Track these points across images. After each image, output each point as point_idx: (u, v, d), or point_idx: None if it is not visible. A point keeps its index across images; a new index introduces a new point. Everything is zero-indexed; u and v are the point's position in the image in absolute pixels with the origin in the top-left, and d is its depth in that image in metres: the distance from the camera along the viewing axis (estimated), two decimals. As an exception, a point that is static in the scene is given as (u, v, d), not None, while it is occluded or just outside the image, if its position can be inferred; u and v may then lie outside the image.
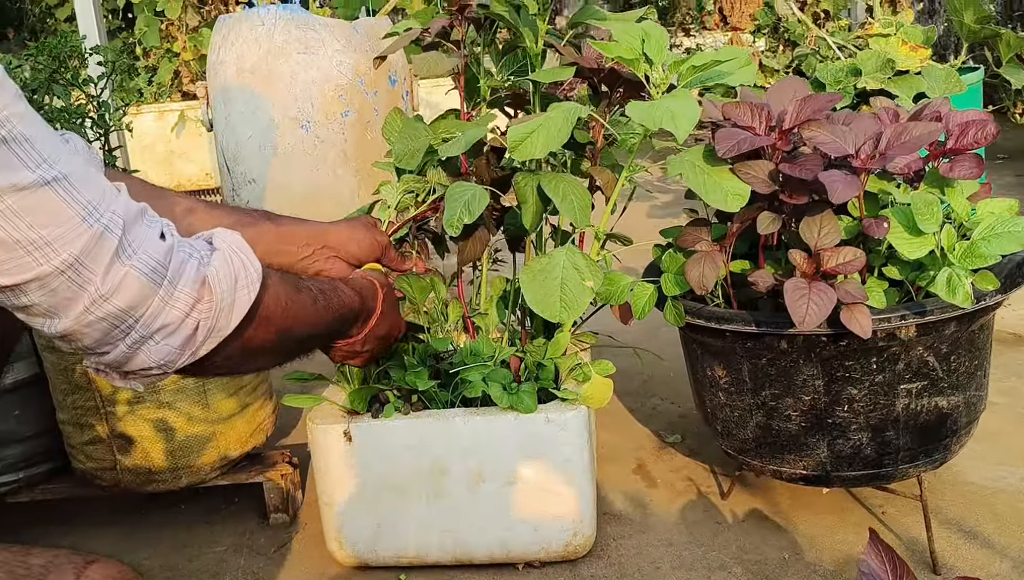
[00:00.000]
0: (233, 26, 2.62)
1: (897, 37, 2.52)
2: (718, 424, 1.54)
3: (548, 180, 1.31)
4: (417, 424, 1.49)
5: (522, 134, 1.27)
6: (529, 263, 1.34)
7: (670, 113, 1.19)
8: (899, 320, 1.28)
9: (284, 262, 1.32)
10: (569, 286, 1.32)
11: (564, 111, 1.28)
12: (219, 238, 0.90)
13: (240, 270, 0.88)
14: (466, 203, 1.33)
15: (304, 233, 1.33)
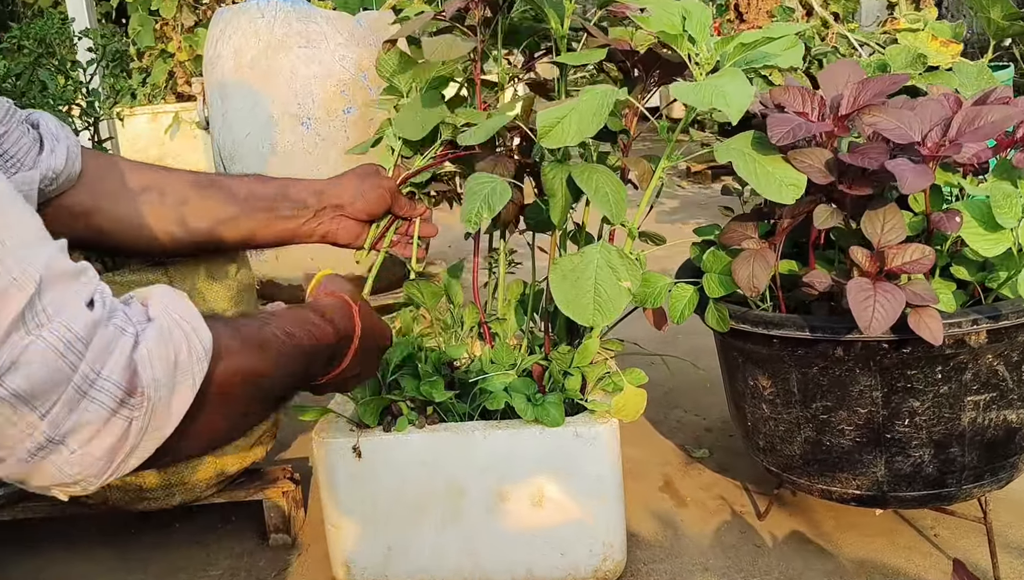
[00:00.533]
0: (231, 19, 2.49)
1: (927, 32, 2.41)
2: (760, 439, 1.41)
3: (580, 171, 1.18)
4: (433, 439, 1.36)
5: (553, 119, 1.15)
6: (559, 261, 1.22)
7: (720, 92, 1.07)
8: (971, 325, 1.16)
9: (288, 227, 1.21)
10: (604, 287, 1.19)
11: (599, 94, 1.16)
12: (157, 302, 0.71)
13: (181, 347, 0.69)
14: (486, 197, 1.21)
15: (305, 194, 1.21)
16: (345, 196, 1.24)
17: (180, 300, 0.73)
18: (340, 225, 1.26)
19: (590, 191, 1.16)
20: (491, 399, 1.37)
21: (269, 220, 1.20)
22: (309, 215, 1.22)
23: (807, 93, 1.22)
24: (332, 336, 0.98)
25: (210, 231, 1.18)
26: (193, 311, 0.73)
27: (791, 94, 1.22)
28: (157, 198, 1.15)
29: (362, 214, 1.26)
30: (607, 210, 1.17)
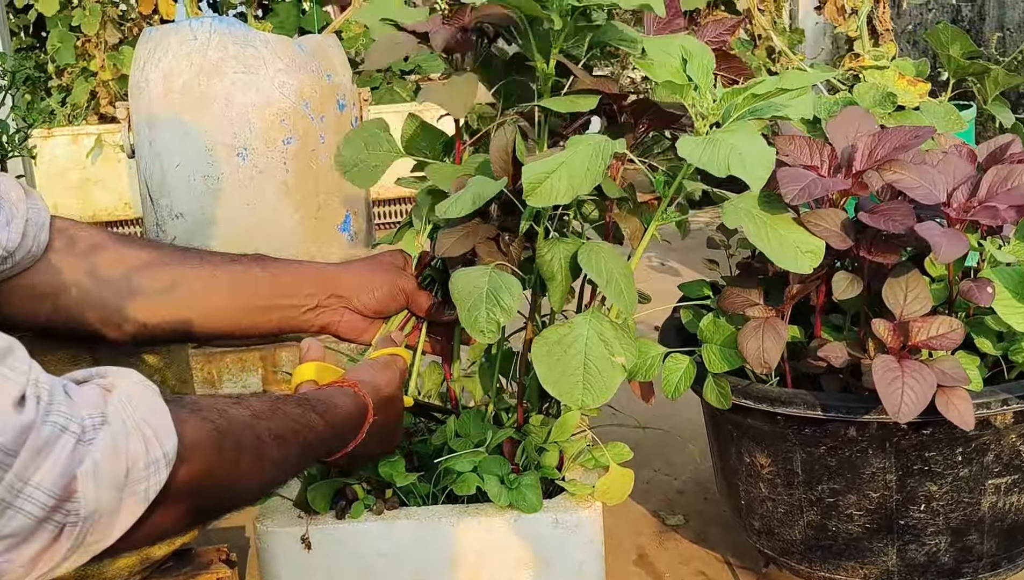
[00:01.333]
0: (161, 40, 2.30)
1: (893, 70, 2.34)
2: (755, 520, 1.28)
3: (587, 253, 1.02)
4: (394, 527, 1.20)
5: (541, 174, 1.00)
6: (543, 333, 1.07)
7: (737, 154, 0.93)
8: (1000, 406, 1.05)
9: (284, 316, 1.08)
10: (594, 363, 1.05)
11: (592, 145, 1.02)
12: (119, 396, 0.64)
13: (137, 457, 0.62)
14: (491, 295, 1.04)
15: (307, 280, 1.08)
16: (352, 288, 1.11)
17: (146, 395, 0.65)
18: (343, 318, 1.12)
19: (600, 279, 1.01)
20: (460, 482, 1.22)
21: (265, 310, 1.06)
22: (310, 305, 1.09)
23: (815, 144, 1.10)
24: (332, 439, 0.93)
25: (199, 322, 1.05)
26: (159, 411, 0.65)
27: (797, 145, 1.10)
28: (140, 280, 1.02)
29: (368, 310, 1.13)
30: (620, 302, 1.02)
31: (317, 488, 1.22)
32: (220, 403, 0.79)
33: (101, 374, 0.67)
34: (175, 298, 1.05)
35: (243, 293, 1.05)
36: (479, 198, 1.04)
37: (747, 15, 3.19)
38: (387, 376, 1.05)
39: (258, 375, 2.49)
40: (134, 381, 0.67)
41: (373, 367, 1.06)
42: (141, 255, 1.05)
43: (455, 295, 1.06)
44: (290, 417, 0.86)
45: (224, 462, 0.74)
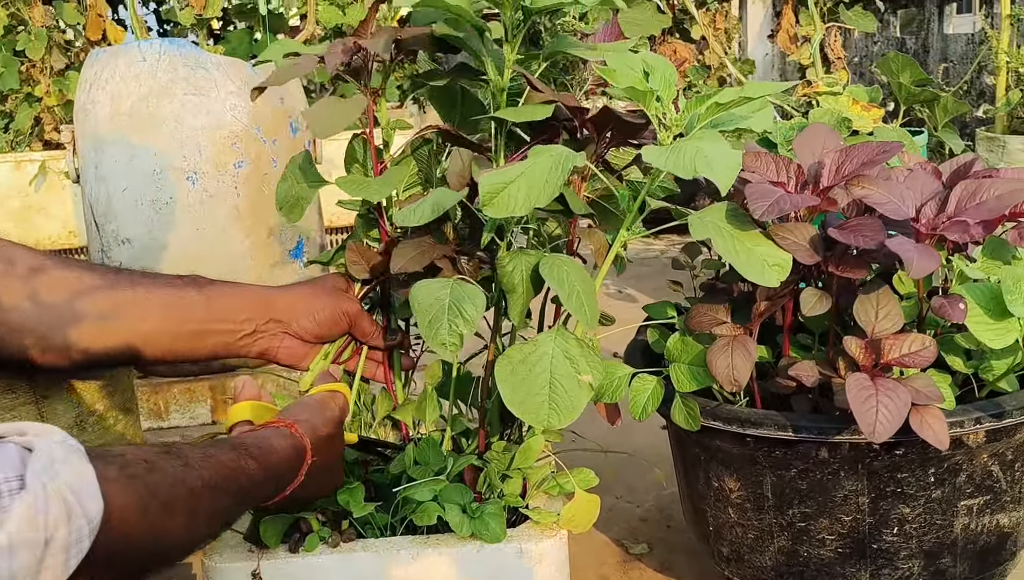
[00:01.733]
0: (108, 61, 2.24)
1: (847, 96, 2.36)
2: (723, 546, 1.25)
3: (548, 264, 0.99)
4: (351, 560, 1.14)
5: (499, 184, 0.97)
6: (507, 352, 1.03)
7: (703, 157, 0.91)
8: (973, 424, 1.03)
9: (220, 342, 1.02)
10: (560, 382, 1.01)
11: (551, 157, 0.99)
12: (40, 458, 0.59)
13: (58, 526, 0.58)
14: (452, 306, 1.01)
15: (245, 304, 1.02)
16: (292, 312, 1.06)
17: (70, 457, 0.61)
18: (282, 343, 1.07)
19: (562, 290, 0.98)
20: (420, 512, 1.16)
21: (199, 334, 1.01)
22: (247, 330, 1.04)
23: (782, 161, 1.08)
24: (269, 483, 0.89)
25: (139, 347, 0.99)
26: (84, 474, 0.61)
27: (764, 161, 1.08)
28: (80, 305, 0.97)
29: (308, 335, 1.08)
30: (582, 317, 0.98)
31: (269, 521, 1.16)
32: (151, 455, 0.75)
33: (20, 431, 0.63)
34: (114, 324, 1.01)
35: (176, 317, 1.01)
36: (439, 207, 1.01)
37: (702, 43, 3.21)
38: (325, 414, 1.01)
39: (207, 406, 2.41)
40: (56, 440, 0.62)
41: (310, 405, 1.02)
42: (82, 278, 1.01)
43: (415, 307, 1.01)
44: (225, 464, 0.83)
45: (153, 523, 0.70)
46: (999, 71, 3.37)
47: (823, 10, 2.84)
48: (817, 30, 2.68)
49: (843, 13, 2.77)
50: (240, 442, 0.90)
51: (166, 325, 1.00)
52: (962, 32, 4.99)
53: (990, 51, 3.54)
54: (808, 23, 2.80)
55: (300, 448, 0.95)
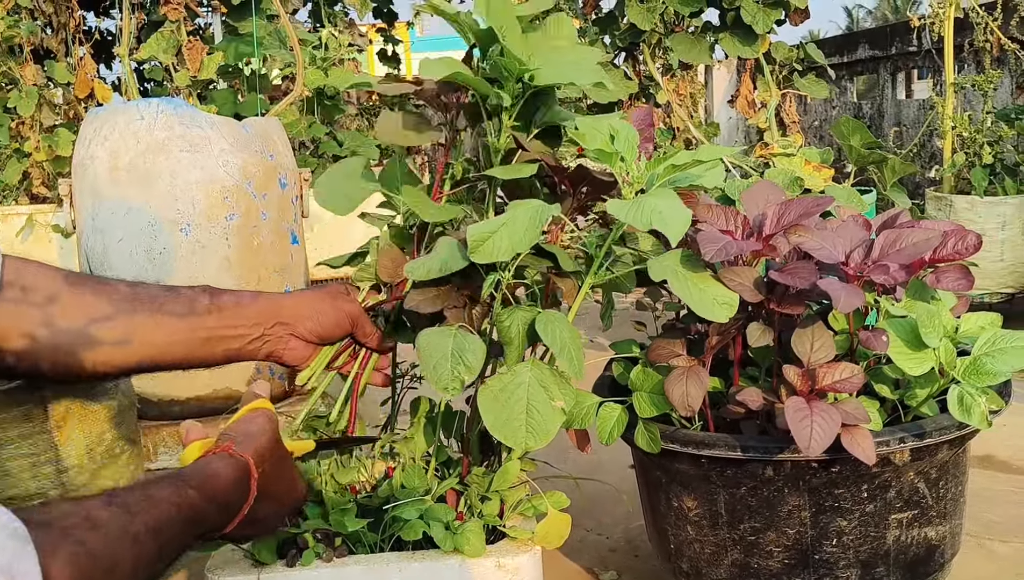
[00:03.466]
0: (107, 119, 2.37)
1: (800, 157, 2.54)
2: (683, 562, 1.37)
3: (543, 322, 1.11)
4: (344, 574, 1.25)
5: (485, 233, 1.11)
6: (488, 382, 1.16)
7: (658, 213, 1.05)
8: (898, 443, 1.17)
9: (231, 347, 1.10)
10: (537, 408, 1.14)
11: (530, 209, 1.13)
12: None
13: None
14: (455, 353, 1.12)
15: (253, 310, 1.10)
16: (296, 314, 1.14)
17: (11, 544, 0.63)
18: (288, 345, 1.15)
19: (555, 346, 1.10)
20: (406, 528, 1.28)
21: (212, 341, 1.09)
22: (255, 334, 1.11)
23: (730, 212, 1.23)
24: (216, 511, 0.90)
25: (153, 358, 1.07)
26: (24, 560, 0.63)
27: (714, 212, 1.23)
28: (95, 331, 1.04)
29: (312, 336, 1.16)
30: (572, 370, 1.11)
31: (263, 539, 1.27)
32: (91, 511, 0.76)
33: None
34: (130, 346, 1.07)
35: (190, 327, 1.07)
36: (446, 268, 1.13)
37: (667, 108, 3.40)
38: (258, 425, 1.02)
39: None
40: (1, 523, 0.64)
41: (244, 425, 1.04)
42: (98, 302, 1.06)
43: (420, 351, 1.13)
44: (166, 501, 0.84)
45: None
46: (945, 135, 3.59)
47: (778, 78, 3.05)
48: (773, 96, 2.87)
49: (797, 81, 2.97)
50: (178, 475, 0.91)
51: (181, 335, 1.07)
52: (914, 98, 5.26)
53: (937, 116, 3.77)
54: (765, 90, 3.00)
55: (243, 467, 0.95)
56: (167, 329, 1.08)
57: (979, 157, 3.43)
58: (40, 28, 4.21)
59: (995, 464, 2.23)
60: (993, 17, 3.66)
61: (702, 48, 2.85)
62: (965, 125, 3.48)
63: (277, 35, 3.71)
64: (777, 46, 3.03)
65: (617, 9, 3.24)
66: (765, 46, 2.92)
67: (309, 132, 4.10)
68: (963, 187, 3.57)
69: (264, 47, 3.62)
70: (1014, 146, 3.51)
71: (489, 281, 1.19)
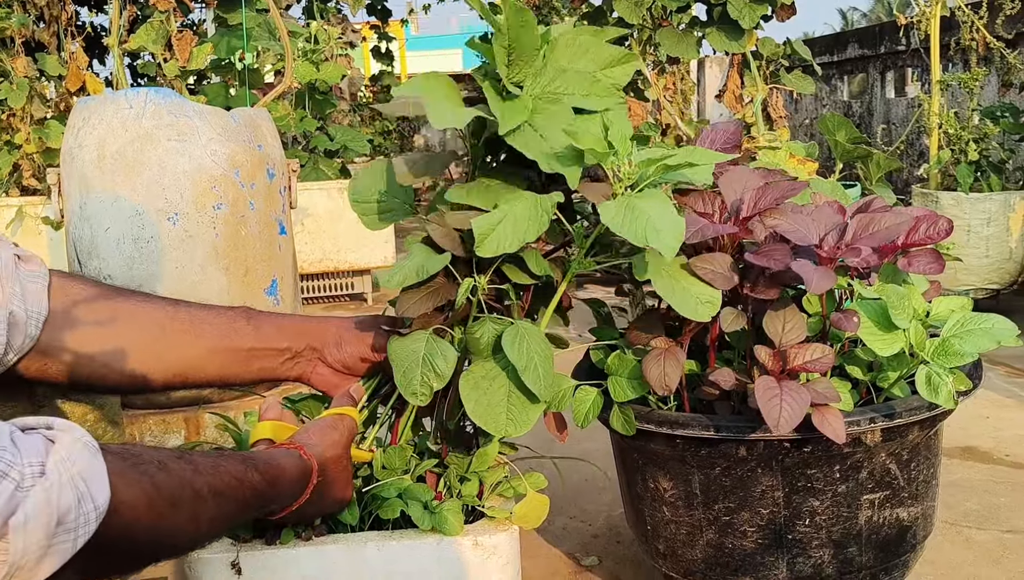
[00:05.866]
0: (96, 108, 2.38)
1: (785, 150, 2.57)
2: (660, 543, 1.38)
3: (511, 337, 1.11)
4: (322, 553, 1.26)
5: (488, 225, 1.11)
6: (471, 368, 1.17)
7: (652, 225, 1.05)
8: (868, 423, 1.18)
9: (265, 366, 1.14)
10: (517, 396, 1.15)
11: (530, 200, 1.14)
12: (60, 450, 0.68)
13: (68, 509, 0.67)
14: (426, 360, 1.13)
15: (287, 333, 1.15)
16: (324, 339, 1.17)
17: (85, 453, 0.70)
18: (315, 369, 1.18)
19: (520, 362, 1.10)
20: (385, 507, 1.29)
21: (247, 359, 1.13)
22: (288, 355, 1.15)
23: (708, 196, 1.24)
24: (274, 498, 0.96)
25: (191, 375, 1.12)
26: (95, 468, 0.69)
27: (693, 197, 1.25)
28: (127, 335, 1.08)
29: (338, 365, 1.19)
30: (536, 387, 1.12)
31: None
32: (164, 456, 0.83)
33: (48, 425, 0.72)
34: (161, 362, 1.12)
35: (228, 344, 1.12)
36: (423, 271, 1.13)
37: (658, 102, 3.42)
38: (333, 437, 1.10)
39: (181, 437, 2.51)
40: (76, 436, 0.70)
41: (322, 428, 1.11)
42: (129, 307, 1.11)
43: (392, 358, 1.14)
44: (231, 474, 0.90)
45: (156, 517, 0.77)
46: (932, 132, 3.62)
47: (765, 73, 3.07)
48: (760, 91, 2.89)
49: (784, 76, 2.99)
50: (250, 456, 0.99)
51: (218, 352, 1.12)
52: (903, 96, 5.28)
53: (924, 114, 3.80)
54: (752, 84, 3.01)
55: (307, 469, 1.04)
56: (203, 347, 1.12)
57: (965, 154, 3.45)
58: (32, 21, 4.21)
59: (976, 455, 2.26)
60: (979, 16, 3.68)
61: (689, 43, 2.87)
62: (951, 122, 3.50)
63: (267, 26, 3.72)
64: (764, 42, 3.05)
65: (605, 4, 3.25)
66: (752, 42, 2.94)
67: (300, 126, 4.11)
68: (949, 184, 3.60)
69: (254, 39, 3.63)
70: (999, 143, 3.53)
71: (464, 287, 1.19)
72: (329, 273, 4.44)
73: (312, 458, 1.04)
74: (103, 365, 1.08)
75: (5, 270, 1.00)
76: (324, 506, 1.13)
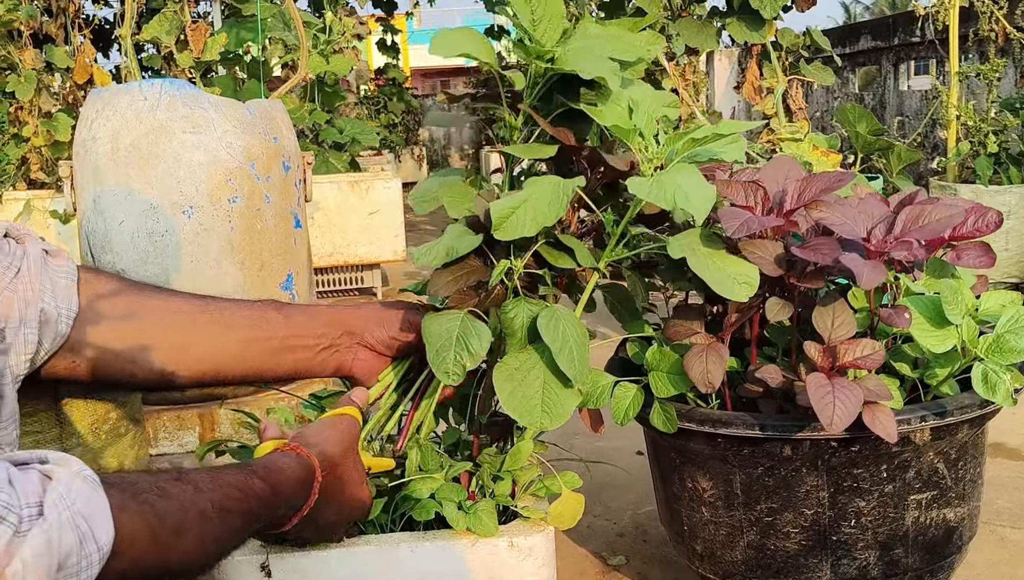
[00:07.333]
0: (109, 100, 2.34)
1: (808, 142, 2.53)
2: (697, 544, 1.35)
3: (546, 318, 1.08)
4: (354, 555, 1.23)
5: (507, 209, 1.08)
6: (504, 360, 1.14)
7: (682, 191, 1.03)
8: (919, 422, 1.15)
9: (300, 358, 1.10)
10: (552, 387, 1.12)
11: (551, 183, 1.11)
12: (58, 488, 0.64)
13: (70, 552, 0.62)
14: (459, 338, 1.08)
15: (320, 321, 1.10)
16: (364, 323, 1.13)
17: (85, 488, 0.65)
18: (356, 356, 1.14)
19: (555, 344, 1.07)
20: (418, 508, 1.26)
21: (281, 351, 1.08)
22: (323, 344, 1.11)
23: (750, 187, 1.21)
24: (279, 504, 0.92)
25: (222, 370, 1.08)
26: (96, 504, 0.65)
27: (734, 188, 1.21)
28: (157, 330, 1.04)
29: (381, 346, 1.14)
30: (571, 371, 1.08)
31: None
32: (161, 481, 0.79)
33: (42, 458, 0.67)
34: (192, 358, 1.08)
35: (260, 336, 1.08)
36: (452, 251, 1.10)
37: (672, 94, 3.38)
38: (332, 435, 1.05)
39: (195, 433, 2.48)
40: (74, 471, 0.66)
41: (318, 429, 1.06)
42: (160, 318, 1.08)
43: (426, 335, 1.10)
44: (232, 485, 0.86)
45: (162, 549, 0.73)
46: (950, 124, 3.58)
47: (785, 64, 3.03)
48: (780, 82, 2.85)
49: (803, 67, 2.95)
50: (247, 464, 0.94)
51: (250, 345, 1.08)
52: (916, 88, 5.24)
53: (941, 105, 3.76)
54: (771, 76, 2.97)
55: (308, 468, 0.98)
56: (234, 339, 1.08)
57: (984, 146, 3.41)
58: (39, 12, 4.17)
59: (1005, 451, 2.22)
60: (999, 6, 3.64)
61: (709, 33, 2.83)
62: (970, 114, 3.46)
63: (281, 17, 3.68)
64: (784, 32, 3.01)
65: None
66: (772, 32, 2.90)
67: (310, 119, 4.07)
68: (967, 176, 3.56)
69: (268, 29, 3.59)
70: (1019, 135, 3.49)
71: (499, 269, 1.15)
72: (338, 267, 4.41)
73: (311, 456, 0.99)
74: (133, 361, 1.05)
75: (35, 266, 0.97)
76: (341, 510, 1.08)
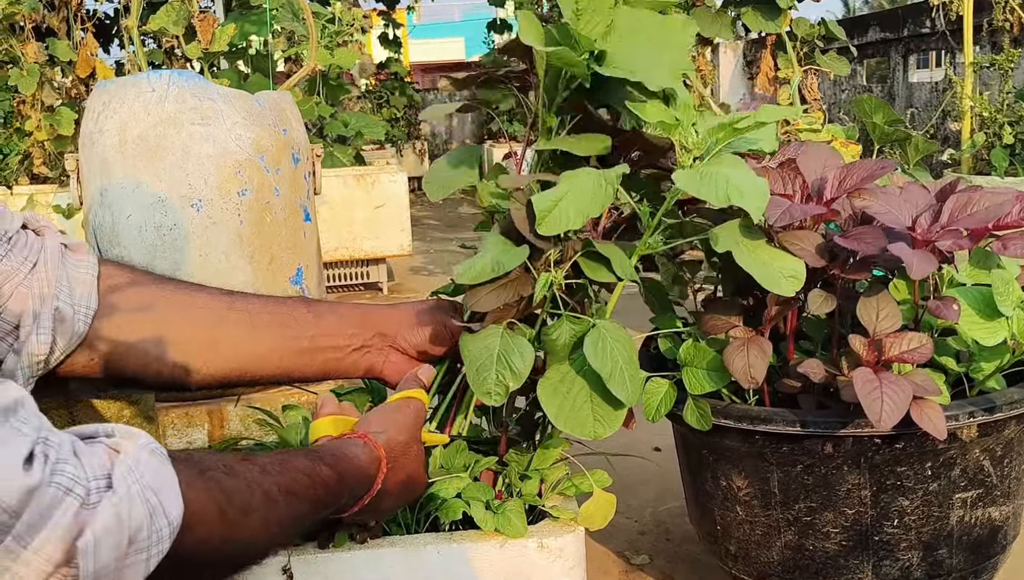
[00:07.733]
0: (117, 92, 2.30)
1: (826, 133, 2.48)
2: (731, 544, 1.31)
3: (595, 339, 1.02)
4: (379, 556, 1.19)
5: (550, 202, 1.03)
6: (547, 374, 1.08)
7: (735, 186, 0.98)
8: (967, 418, 1.11)
9: (329, 358, 1.06)
10: (599, 398, 1.08)
11: (591, 174, 1.06)
12: (126, 461, 0.61)
13: (140, 526, 0.60)
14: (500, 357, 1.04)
15: (351, 321, 1.07)
16: (397, 325, 1.09)
17: (153, 461, 0.63)
18: (388, 358, 1.10)
19: (605, 370, 1.02)
20: (445, 508, 1.22)
21: (310, 351, 1.05)
22: (355, 344, 1.07)
23: (788, 175, 1.17)
24: (344, 491, 0.90)
25: (249, 369, 1.04)
26: (165, 477, 0.63)
27: (772, 176, 1.17)
28: (181, 326, 1.01)
29: (414, 350, 1.10)
30: (623, 394, 1.04)
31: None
32: (228, 460, 0.77)
33: (108, 432, 0.65)
34: (225, 345, 1.05)
35: (288, 334, 1.05)
36: (499, 266, 1.04)
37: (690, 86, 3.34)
38: (400, 421, 1.02)
39: (204, 430, 2.43)
40: (141, 444, 0.64)
41: (386, 413, 1.03)
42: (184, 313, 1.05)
43: (465, 354, 1.05)
44: (300, 470, 0.84)
45: (230, 527, 0.72)
46: (963, 116, 3.53)
47: (800, 54, 2.98)
48: (795, 73, 2.81)
49: (818, 57, 2.91)
50: (315, 450, 0.92)
51: (278, 343, 1.04)
52: (926, 80, 5.20)
53: (954, 97, 3.71)
54: (786, 66, 2.93)
55: (375, 458, 0.96)
56: (263, 337, 1.04)
57: (999, 137, 3.37)
58: (42, 6, 4.12)
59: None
60: (1014, -5, 3.59)
61: (724, 23, 2.78)
62: (985, 105, 3.42)
63: (289, 7, 3.64)
64: (799, 22, 2.97)
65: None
66: (787, 22, 2.85)
67: (315, 112, 4.03)
68: (981, 168, 3.51)
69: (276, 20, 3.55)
70: (1035, 127, 3.45)
71: (542, 282, 1.09)
72: (344, 261, 4.36)
73: (379, 446, 0.96)
74: (155, 358, 1.01)
75: (52, 261, 0.93)
76: (398, 497, 1.04)
